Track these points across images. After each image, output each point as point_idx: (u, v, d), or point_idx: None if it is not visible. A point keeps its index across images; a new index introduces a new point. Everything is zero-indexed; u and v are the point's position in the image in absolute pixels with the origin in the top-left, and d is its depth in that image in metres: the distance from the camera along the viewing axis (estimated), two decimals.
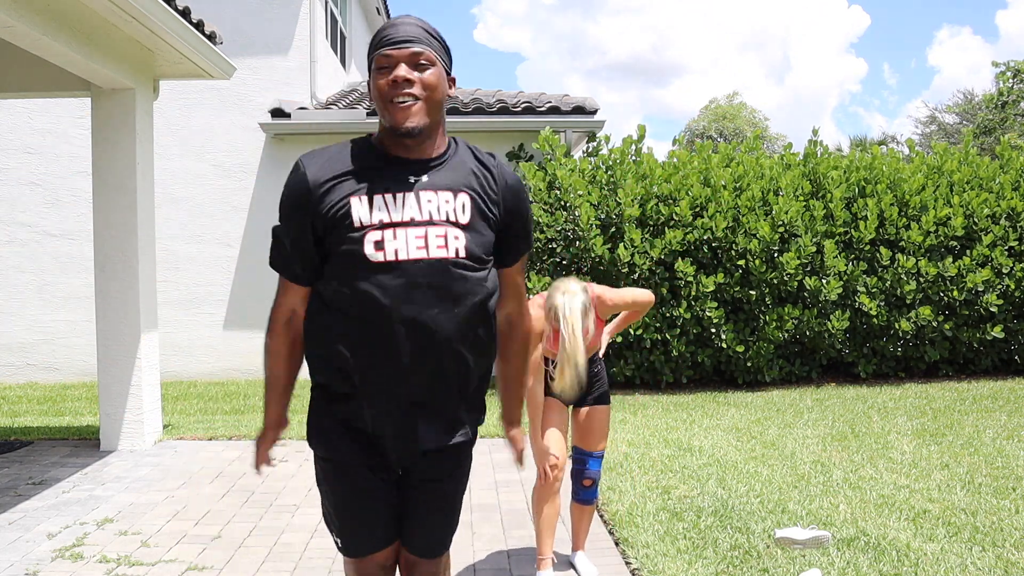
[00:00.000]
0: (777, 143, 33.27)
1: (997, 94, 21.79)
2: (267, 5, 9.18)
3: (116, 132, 5.61)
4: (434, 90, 1.65)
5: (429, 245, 1.63)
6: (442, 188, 1.67)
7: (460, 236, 1.66)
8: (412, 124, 1.62)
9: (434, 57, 1.66)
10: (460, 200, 1.67)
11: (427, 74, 1.64)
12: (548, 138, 8.13)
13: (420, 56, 1.63)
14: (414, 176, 1.66)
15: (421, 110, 1.63)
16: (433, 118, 1.67)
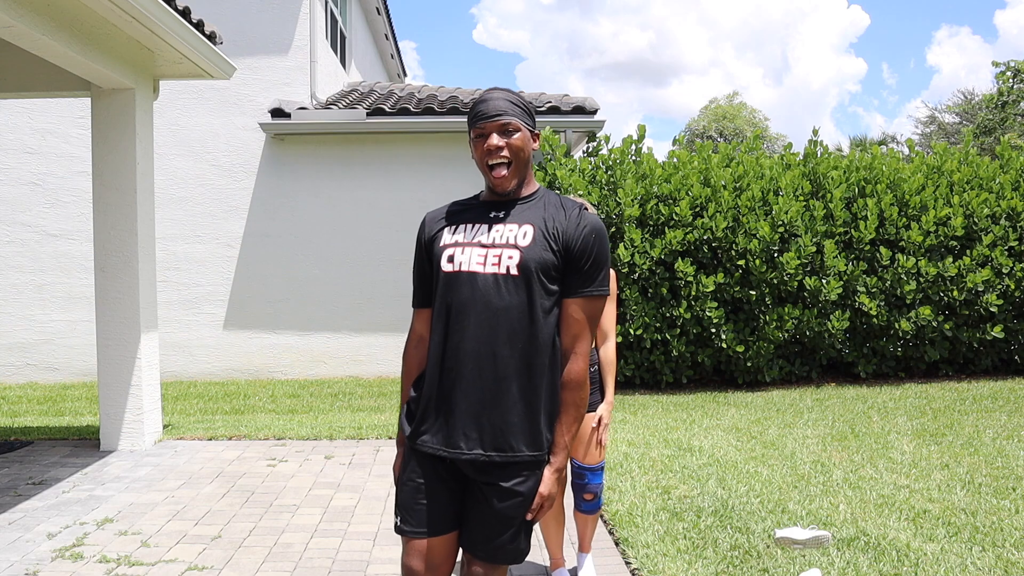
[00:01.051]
0: (777, 143, 33.28)
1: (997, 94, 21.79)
2: (267, 5, 9.18)
3: (116, 132, 5.61)
4: (520, 151, 1.99)
5: (487, 261, 1.96)
6: (512, 222, 2.00)
7: (514, 255, 1.95)
8: (507, 187, 2.00)
9: (519, 124, 1.98)
10: (524, 229, 1.98)
11: (514, 138, 1.99)
12: (548, 138, 8.13)
13: (508, 125, 1.97)
14: (495, 212, 2.03)
15: (512, 171, 2.00)
16: (521, 175, 2.02)
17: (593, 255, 1.98)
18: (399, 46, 16.03)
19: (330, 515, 4.17)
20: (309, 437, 5.93)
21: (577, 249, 1.96)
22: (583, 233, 1.97)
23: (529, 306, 1.94)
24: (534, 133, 2.05)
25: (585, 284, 1.98)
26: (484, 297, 1.93)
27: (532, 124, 2.05)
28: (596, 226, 2.00)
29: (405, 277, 9.11)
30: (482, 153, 1.99)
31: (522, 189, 2.05)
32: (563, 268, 1.97)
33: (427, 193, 9.10)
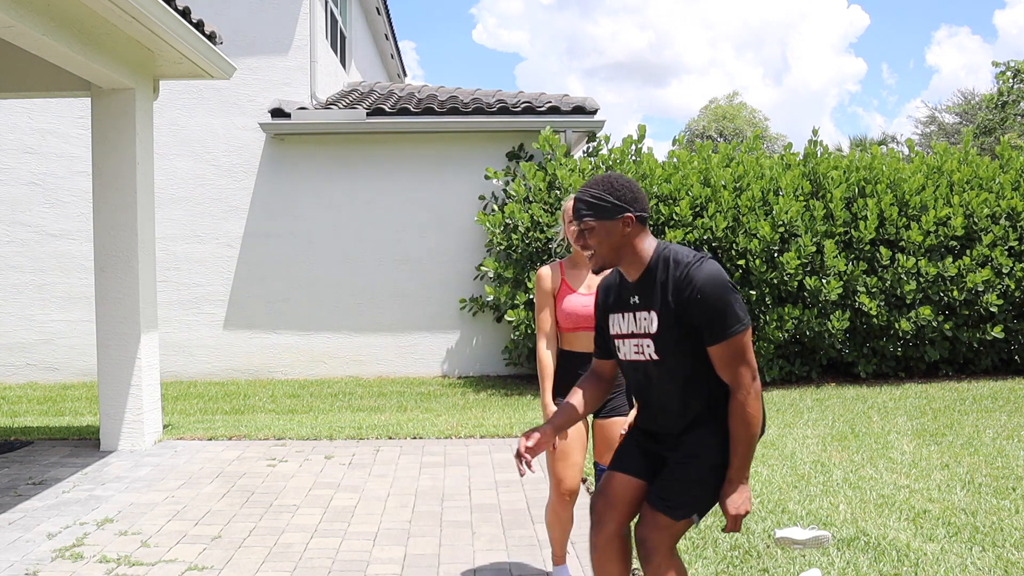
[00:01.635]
0: (777, 143, 33.28)
1: (997, 94, 21.79)
2: (267, 5, 9.18)
3: (116, 132, 5.61)
4: (599, 245, 2.30)
5: (638, 352, 2.34)
6: (641, 309, 2.32)
7: (650, 344, 2.29)
8: (595, 267, 2.35)
9: (593, 224, 2.28)
10: (651, 316, 2.28)
11: (589, 239, 2.31)
12: (548, 138, 8.14)
13: (584, 226, 2.30)
14: (632, 297, 2.35)
15: (598, 259, 2.33)
16: (610, 259, 2.32)
17: (705, 307, 2.19)
18: (399, 46, 16.03)
19: (330, 515, 4.17)
20: (309, 437, 5.93)
21: (692, 306, 2.20)
22: (690, 292, 2.21)
23: (680, 374, 2.28)
24: (624, 217, 2.27)
25: (711, 332, 2.20)
26: (645, 375, 2.35)
27: (619, 210, 2.26)
28: (699, 280, 2.20)
29: (405, 277, 9.11)
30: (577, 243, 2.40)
31: (636, 268, 2.33)
32: (690, 325, 2.23)
33: (427, 193, 9.10)
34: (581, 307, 2.98)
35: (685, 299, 2.21)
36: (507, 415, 6.69)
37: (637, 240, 2.30)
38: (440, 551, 3.65)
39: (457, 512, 4.20)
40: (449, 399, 7.70)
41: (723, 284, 2.19)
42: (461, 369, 9.18)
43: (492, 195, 8.96)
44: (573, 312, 2.99)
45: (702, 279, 2.19)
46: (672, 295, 2.23)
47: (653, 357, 2.30)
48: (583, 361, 3.00)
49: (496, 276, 8.23)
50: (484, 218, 8.32)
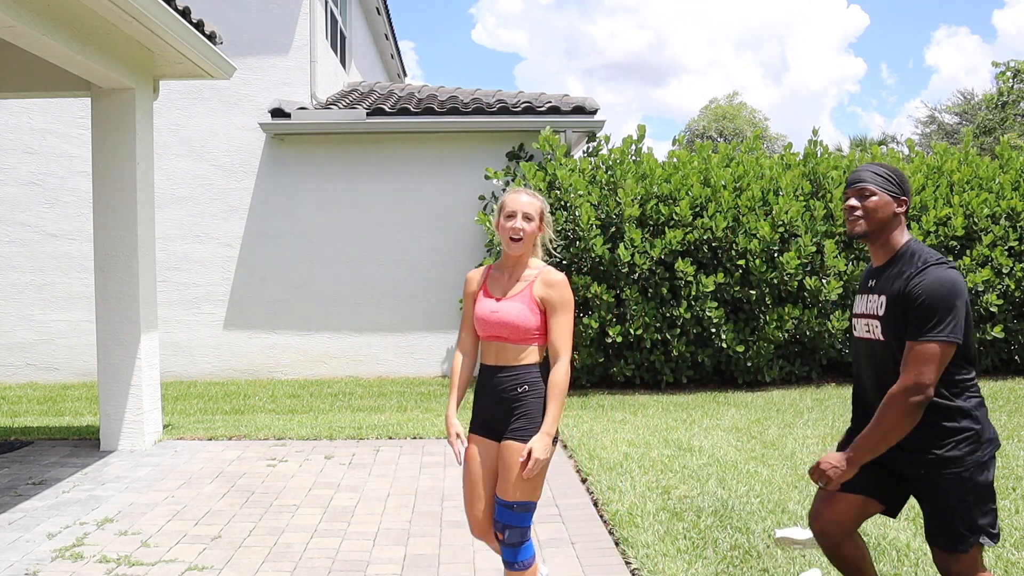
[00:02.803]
0: (777, 143, 33.28)
1: (997, 94, 21.79)
2: (267, 5, 9.18)
3: (116, 132, 5.61)
4: (870, 212, 2.42)
5: (867, 330, 2.47)
6: (874, 292, 2.46)
7: (878, 325, 2.42)
8: (857, 231, 2.46)
9: (875, 190, 2.41)
10: (881, 299, 2.41)
11: (865, 202, 2.43)
12: (548, 138, 8.13)
13: (866, 190, 2.42)
14: (870, 281, 2.51)
15: (863, 225, 2.45)
16: (872, 229, 2.43)
17: (916, 304, 2.28)
18: (399, 46, 16.03)
19: (330, 515, 4.17)
20: (309, 437, 5.93)
21: (907, 301, 2.31)
22: (911, 287, 2.31)
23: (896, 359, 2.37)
24: (901, 198, 2.43)
25: (913, 327, 2.28)
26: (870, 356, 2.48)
27: (899, 193, 2.43)
28: (921, 281, 2.29)
29: (405, 277, 9.11)
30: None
31: (883, 256, 2.48)
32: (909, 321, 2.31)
33: (427, 193, 9.10)
34: (489, 312, 2.67)
35: (911, 292, 2.30)
36: None
37: (899, 227, 2.45)
38: (440, 551, 3.65)
39: (457, 512, 4.19)
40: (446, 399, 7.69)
41: (952, 290, 2.25)
42: None
43: (492, 195, 8.96)
44: (482, 317, 2.69)
45: (934, 277, 2.28)
46: (905, 286, 2.32)
47: (880, 338, 2.41)
48: (498, 376, 2.66)
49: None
50: (484, 218, 8.32)
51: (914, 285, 2.29)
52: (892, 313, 2.36)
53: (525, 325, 2.63)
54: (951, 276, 2.26)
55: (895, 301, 2.35)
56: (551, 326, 2.65)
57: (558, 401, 2.59)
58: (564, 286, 2.66)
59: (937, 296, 2.24)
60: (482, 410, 2.75)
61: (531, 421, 2.61)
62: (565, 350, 2.63)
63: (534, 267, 2.73)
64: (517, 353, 2.66)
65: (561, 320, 2.64)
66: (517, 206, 2.67)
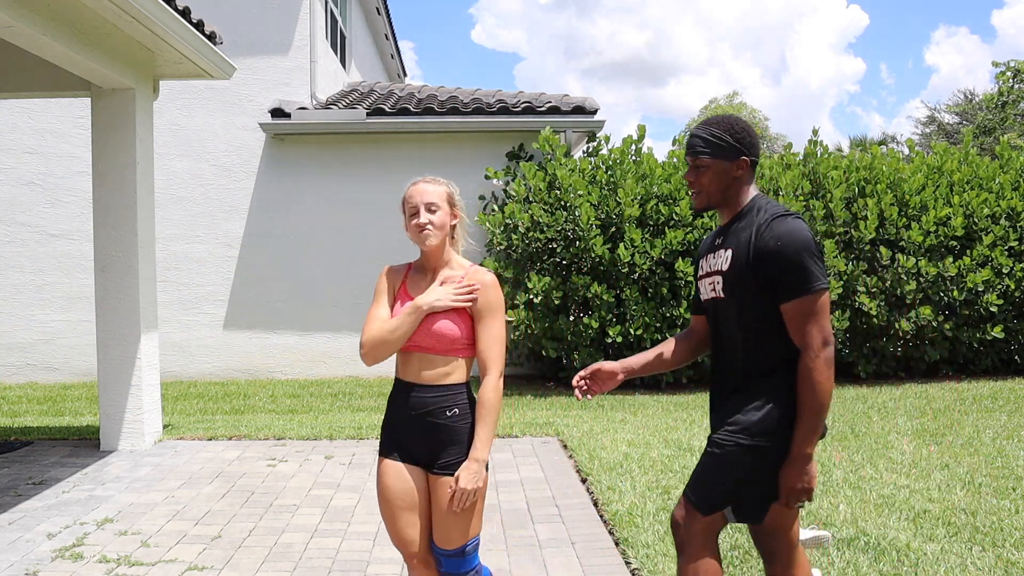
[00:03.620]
0: (777, 143, 33.28)
1: (997, 94, 21.79)
2: (267, 5, 9.18)
3: (116, 132, 5.61)
4: (708, 185, 2.28)
5: (711, 289, 2.32)
6: (720, 248, 2.30)
7: (720, 280, 2.27)
8: (699, 206, 2.34)
9: (708, 162, 2.26)
10: (727, 254, 2.26)
11: (701, 177, 2.29)
12: (548, 138, 8.13)
13: (698, 163, 2.28)
14: (717, 239, 2.34)
15: (704, 198, 2.32)
16: (715, 201, 2.31)
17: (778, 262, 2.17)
18: (399, 46, 16.03)
19: (330, 515, 4.17)
20: (309, 437, 5.93)
21: (765, 258, 2.18)
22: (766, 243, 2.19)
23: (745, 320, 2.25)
24: (739, 160, 2.27)
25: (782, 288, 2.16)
26: (715, 318, 2.35)
27: (734, 152, 2.26)
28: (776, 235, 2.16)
29: None
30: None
31: (729, 213, 2.34)
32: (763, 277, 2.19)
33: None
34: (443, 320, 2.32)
35: (764, 247, 2.16)
36: (507, 415, 6.69)
37: (744, 186, 2.30)
38: None
39: None
40: None
41: (805, 241, 2.13)
42: None
43: (492, 195, 8.96)
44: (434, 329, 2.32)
45: (784, 230, 2.15)
46: (753, 240, 2.19)
47: (720, 295, 2.27)
48: (419, 395, 2.31)
49: (496, 276, 8.21)
50: (484, 218, 8.32)
51: (767, 238, 2.15)
52: (736, 266, 2.21)
53: (451, 334, 2.30)
54: (800, 225, 2.16)
55: (742, 254, 2.20)
56: (479, 335, 2.32)
57: (489, 422, 2.26)
58: (493, 288, 2.36)
59: (795, 247, 2.12)
60: (397, 432, 2.36)
61: (463, 450, 2.29)
62: (495, 363, 2.31)
63: (458, 266, 2.42)
64: (444, 368, 2.31)
65: (490, 328, 2.32)
66: (418, 198, 2.37)
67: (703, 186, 2.29)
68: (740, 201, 2.30)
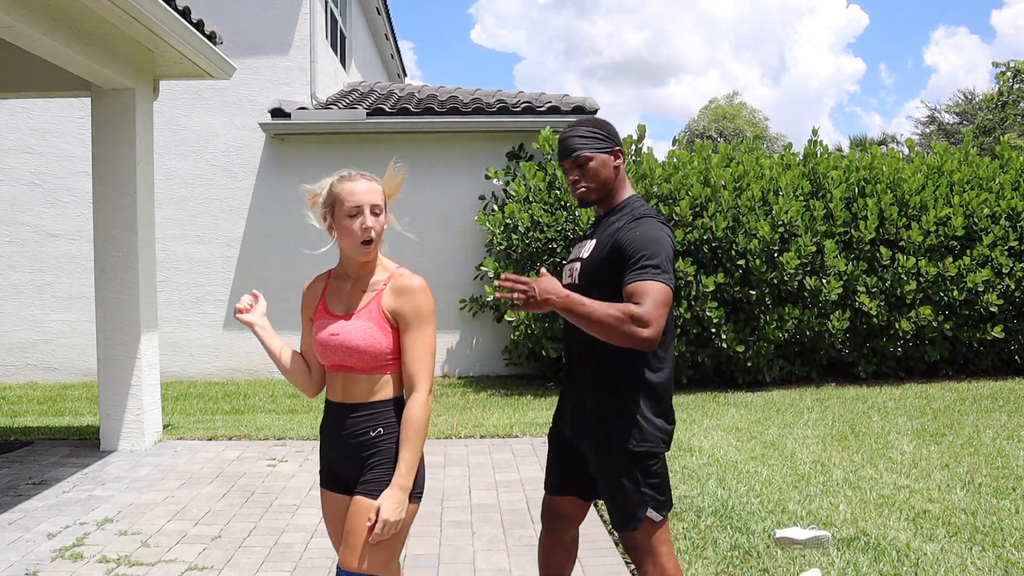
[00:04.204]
0: (777, 143, 33.27)
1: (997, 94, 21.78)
2: (267, 5, 9.18)
3: (116, 132, 5.61)
4: (594, 178, 2.34)
5: (568, 275, 2.39)
6: (588, 238, 2.39)
7: (578, 266, 2.34)
8: (584, 202, 2.39)
9: (590, 155, 2.32)
10: (591, 243, 2.35)
11: (586, 174, 2.34)
12: (548, 138, 8.13)
13: (581, 160, 2.33)
14: (591, 230, 2.44)
15: (590, 193, 2.37)
16: (600, 195, 2.37)
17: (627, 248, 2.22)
18: (399, 46, 16.03)
19: None
20: (309, 437, 5.93)
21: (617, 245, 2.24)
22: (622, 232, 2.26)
23: None
24: (614, 151, 2.35)
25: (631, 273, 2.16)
26: None
27: (610, 145, 2.34)
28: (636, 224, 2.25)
29: None
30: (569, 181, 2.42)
31: (604, 207, 2.41)
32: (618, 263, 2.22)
33: (427, 193, 9.10)
34: (329, 335, 2.09)
35: (624, 236, 2.21)
36: (507, 415, 6.69)
37: (622, 181, 2.39)
38: (440, 551, 3.65)
39: (457, 512, 4.19)
40: (449, 399, 7.70)
41: (666, 240, 2.19)
42: (461, 369, 9.18)
43: (492, 195, 8.96)
44: (322, 342, 2.11)
45: (649, 227, 2.21)
46: (618, 231, 2.25)
47: (576, 281, 2.30)
48: (343, 416, 2.10)
49: (496, 276, 8.22)
50: (484, 218, 8.32)
51: (629, 230, 2.22)
52: (596, 254, 2.28)
53: (374, 349, 2.04)
54: (666, 231, 2.22)
55: (603, 244, 2.27)
56: (404, 346, 2.06)
57: (413, 445, 2.00)
58: (420, 292, 2.08)
59: (653, 241, 2.15)
60: (328, 459, 2.17)
61: (388, 472, 2.02)
62: (422, 378, 2.03)
63: (384, 270, 2.15)
64: (370, 386, 2.07)
65: (416, 339, 2.05)
66: (362, 198, 2.13)
67: (589, 180, 2.34)
68: (618, 196, 2.38)
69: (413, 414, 2.01)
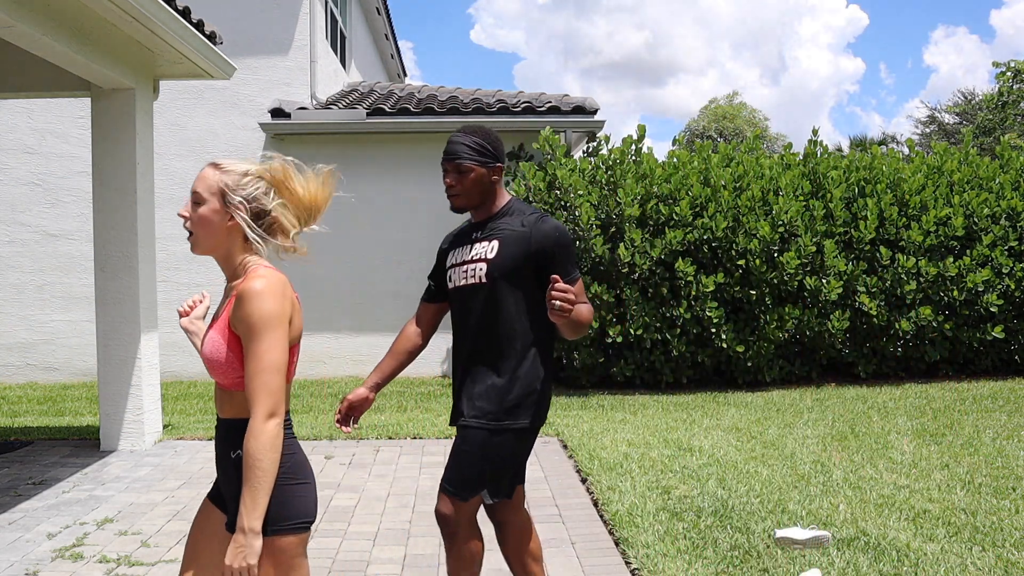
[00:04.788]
0: (777, 143, 33.27)
1: (997, 94, 21.78)
2: (267, 5, 9.18)
3: (116, 132, 5.61)
4: (470, 188, 2.48)
5: (467, 276, 2.50)
6: (483, 240, 2.51)
7: (484, 267, 2.46)
8: (458, 207, 2.53)
9: (472, 166, 2.46)
10: (493, 244, 2.48)
11: (463, 180, 2.48)
12: (548, 138, 8.13)
13: (464, 167, 2.46)
14: (475, 233, 2.56)
15: (464, 200, 2.52)
16: (474, 202, 2.52)
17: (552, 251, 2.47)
18: (399, 46, 16.03)
19: (330, 515, 4.17)
20: (309, 437, 5.93)
21: (538, 249, 2.45)
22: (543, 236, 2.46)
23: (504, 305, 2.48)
24: (494, 167, 2.50)
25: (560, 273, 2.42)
26: (469, 305, 2.56)
27: (490, 159, 2.49)
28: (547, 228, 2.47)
29: (405, 277, 9.11)
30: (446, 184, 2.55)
31: (488, 210, 2.56)
32: (536, 265, 2.46)
33: (427, 193, 9.09)
34: (209, 343, 1.81)
35: (545, 236, 2.43)
36: None
37: (498, 189, 2.56)
38: (440, 551, 3.65)
39: None
40: (449, 399, 7.70)
41: (569, 236, 2.49)
42: None
43: None
44: (205, 355, 1.83)
45: (555, 226, 2.47)
46: (530, 231, 2.44)
47: (482, 280, 2.46)
48: (218, 432, 1.89)
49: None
50: None
51: (546, 229, 2.44)
52: (507, 252, 2.44)
53: (220, 363, 1.79)
54: (563, 225, 2.50)
55: (518, 243, 2.44)
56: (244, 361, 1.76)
57: (252, 486, 1.66)
58: (253, 298, 1.73)
59: (564, 241, 2.46)
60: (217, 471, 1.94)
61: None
62: (258, 401, 1.70)
63: (244, 273, 1.87)
64: (232, 402, 1.83)
65: (249, 353, 1.73)
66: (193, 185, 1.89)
67: (465, 188, 2.49)
68: (497, 203, 2.55)
69: (249, 447, 1.68)
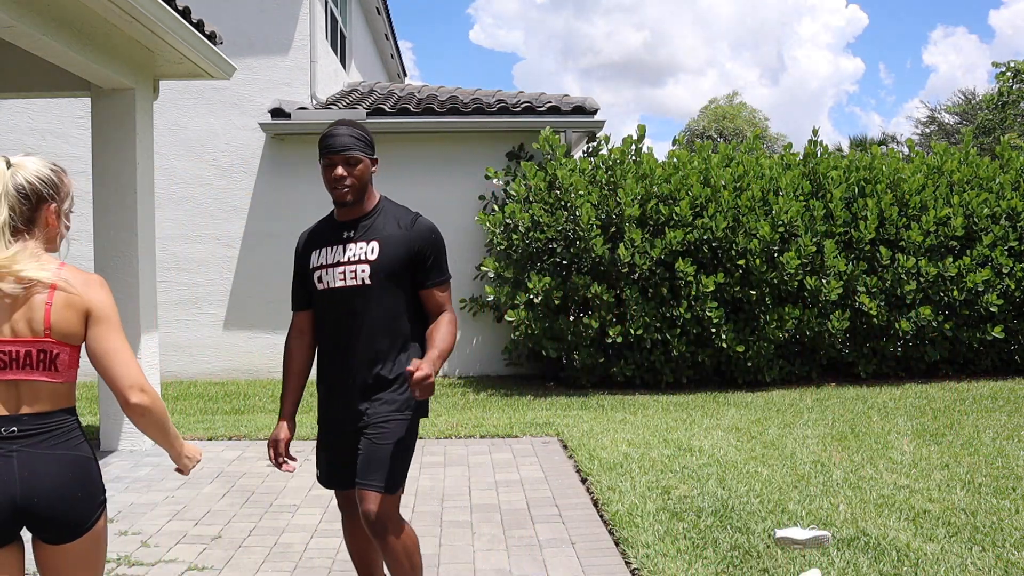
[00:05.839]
0: (777, 143, 33.28)
1: (997, 94, 21.78)
2: (267, 5, 9.18)
3: (116, 132, 5.60)
4: (359, 178, 2.50)
5: (346, 277, 2.49)
6: (360, 240, 2.51)
7: (367, 268, 2.47)
8: (352, 199, 2.51)
9: (361, 157, 2.50)
10: (372, 245, 2.49)
11: (354, 171, 2.50)
12: (548, 138, 8.14)
13: (353, 158, 2.50)
14: (347, 232, 2.55)
15: (355, 192, 2.51)
16: (359, 195, 2.52)
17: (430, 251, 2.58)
18: (399, 46, 16.03)
19: (330, 515, 4.17)
20: (309, 437, 5.92)
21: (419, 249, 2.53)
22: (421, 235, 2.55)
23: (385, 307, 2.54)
24: (373, 158, 2.58)
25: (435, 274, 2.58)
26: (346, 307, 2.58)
27: (371, 152, 2.56)
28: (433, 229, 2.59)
29: None
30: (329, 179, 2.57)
31: (363, 208, 2.58)
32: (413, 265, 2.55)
33: (427, 193, 9.09)
34: None
35: (422, 238, 2.51)
36: (507, 415, 6.69)
37: (372, 184, 2.61)
38: (440, 551, 3.65)
39: (457, 512, 4.19)
40: (449, 399, 7.70)
41: (442, 236, 2.59)
42: (461, 369, 9.18)
43: (492, 195, 8.96)
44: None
45: (432, 227, 2.56)
46: (408, 232, 2.50)
47: (366, 282, 2.47)
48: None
49: (496, 276, 8.23)
50: (484, 218, 8.32)
51: (421, 232, 2.52)
52: (391, 254, 2.47)
53: None
54: (436, 227, 2.59)
55: (393, 245, 2.48)
56: None
57: None
58: None
59: (439, 242, 2.55)
60: None
61: None
62: None
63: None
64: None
65: None
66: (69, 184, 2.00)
67: (356, 179, 2.50)
68: (372, 198, 2.58)
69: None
